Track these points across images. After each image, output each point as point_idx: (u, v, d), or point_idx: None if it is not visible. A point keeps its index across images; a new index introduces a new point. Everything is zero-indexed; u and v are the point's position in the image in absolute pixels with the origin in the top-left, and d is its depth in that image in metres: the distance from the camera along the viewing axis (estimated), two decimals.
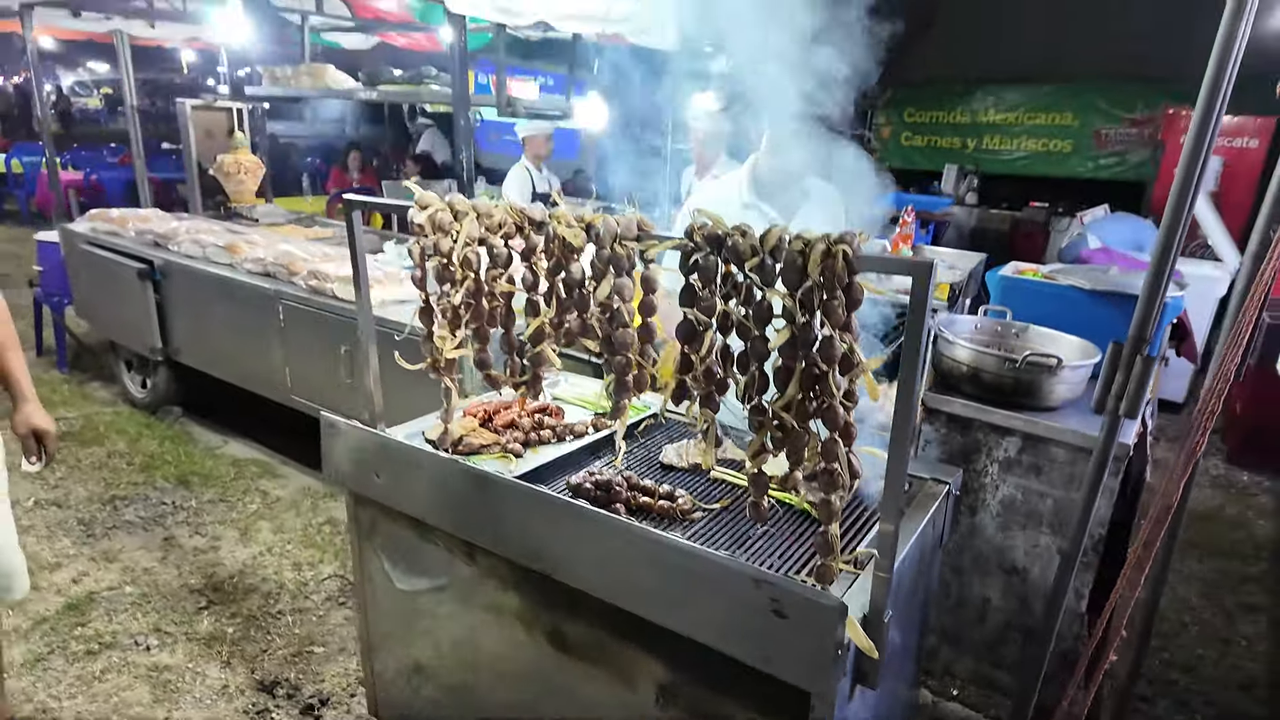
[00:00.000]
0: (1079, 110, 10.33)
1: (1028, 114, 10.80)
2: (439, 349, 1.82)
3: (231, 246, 3.86)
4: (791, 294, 1.30)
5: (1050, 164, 10.57)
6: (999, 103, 10.91)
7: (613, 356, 1.56)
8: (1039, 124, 10.78)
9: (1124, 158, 10.10)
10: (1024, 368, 2.32)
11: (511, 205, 1.66)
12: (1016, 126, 10.95)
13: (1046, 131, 10.74)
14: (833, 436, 1.35)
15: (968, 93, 10.97)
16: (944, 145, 11.55)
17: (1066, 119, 10.52)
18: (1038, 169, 10.69)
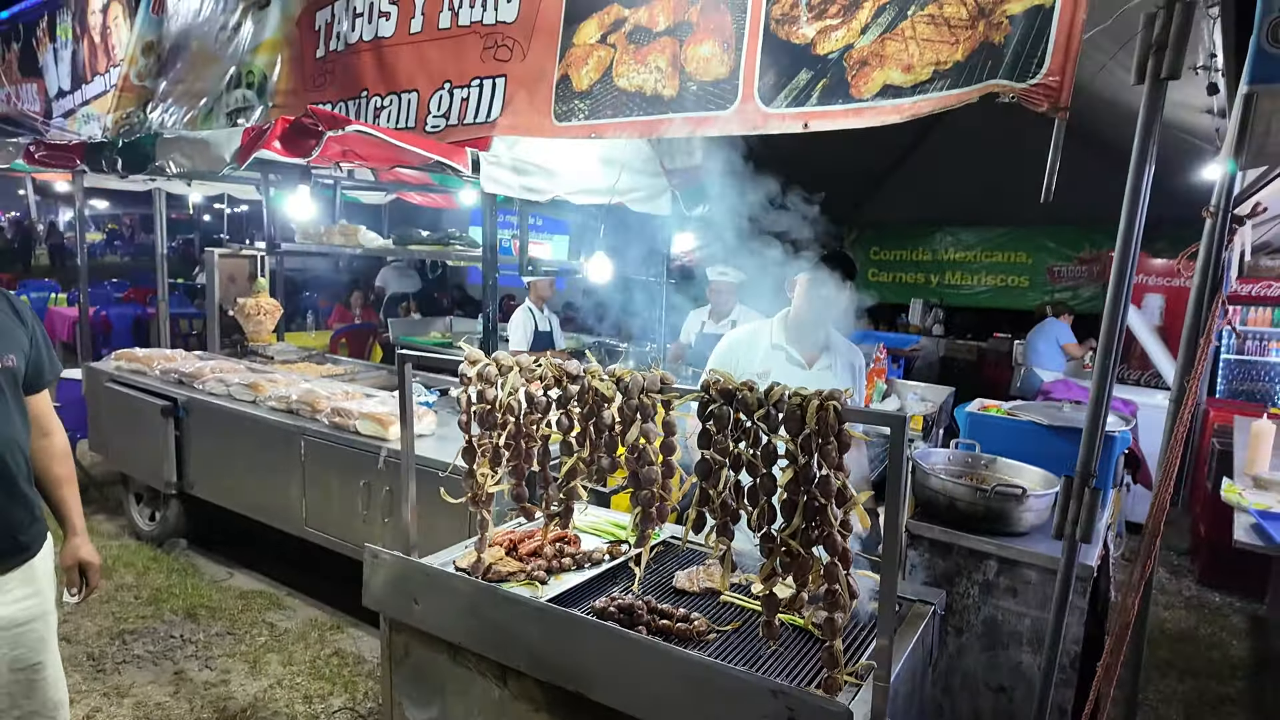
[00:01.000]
0: (1031, 250, 11.21)
1: (985, 252, 11.68)
2: (480, 484, 2.06)
3: (255, 385, 4.12)
4: (793, 439, 1.59)
5: (1010, 297, 11.25)
6: (957, 242, 11.81)
7: (640, 491, 1.82)
8: (996, 261, 11.64)
9: (1077, 292, 10.86)
10: (994, 497, 2.59)
11: (551, 361, 1.96)
12: (975, 263, 11.80)
13: (1003, 268, 11.58)
14: (833, 561, 1.60)
15: (928, 233, 11.88)
16: (909, 280, 12.34)
17: (1021, 257, 11.39)
18: (999, 302, 11.39)
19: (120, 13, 5.36)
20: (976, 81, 1.96)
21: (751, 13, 2.39)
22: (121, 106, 4.97)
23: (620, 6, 2.69)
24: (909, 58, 2.09)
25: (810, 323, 2.65)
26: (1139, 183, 1.85)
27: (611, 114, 2.69)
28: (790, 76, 2.31)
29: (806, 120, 2.29)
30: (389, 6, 3.43)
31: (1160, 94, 1.81)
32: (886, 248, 12.38)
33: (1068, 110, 1.87)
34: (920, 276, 12.20)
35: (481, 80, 3.06)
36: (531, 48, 2.92)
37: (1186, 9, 1.73)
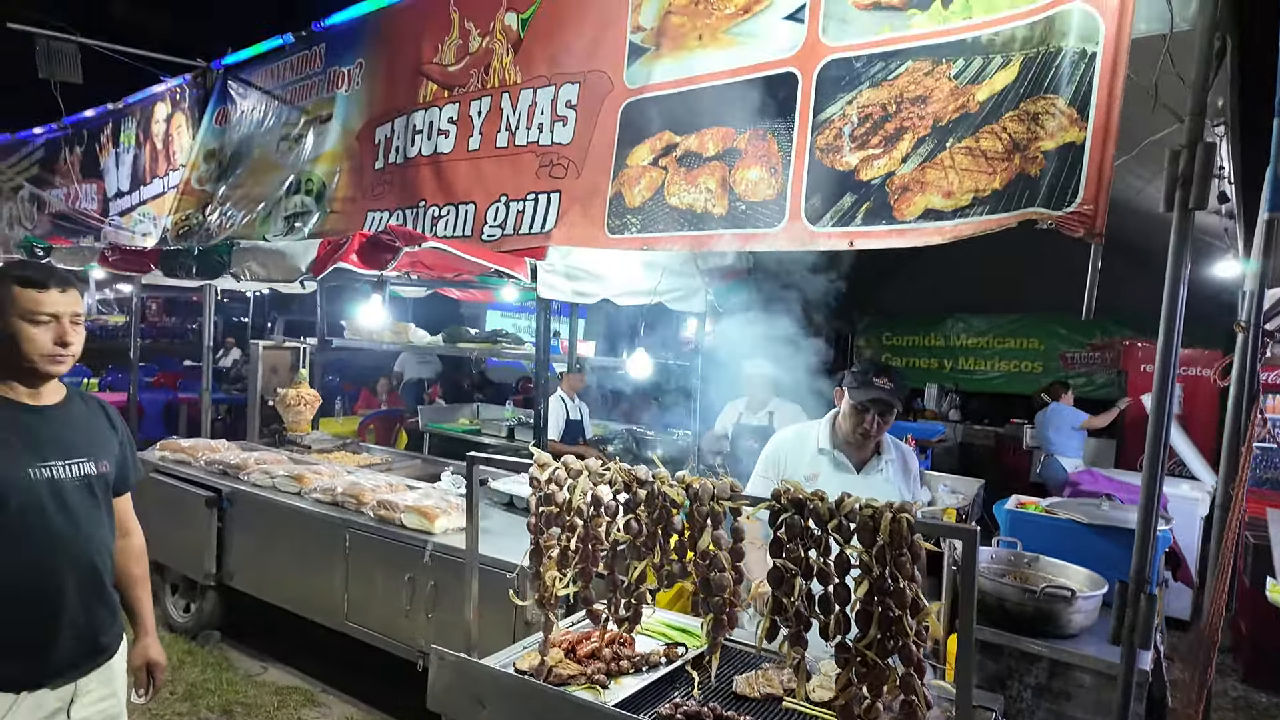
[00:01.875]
0: (1043, 336, 11.37)
1: (997, 339, 11.84)
2: (548, 586, 2.13)
3: (300, 477, 4.21)
4: (867, 550, 1.67)
5: (1024, 383, 11.30)
6: (969, 329, 11.99)
7: (710, 597, 1.88)
8: (1009, 347, 11.78)
9: (1091, 378, 10.95)
10: (1043, 598, 2.62)
11: (620, 466, 2.06)
12: (988, 349, 11.94)
13: (1016, 354, 11.71)
14: (909, 671, 1.65)
15: (940, 320, 12.08)
16: (923, 365, 12.46)
17: (1033, 344, 11.53)
18: (1014, 387, 11.44)
19: (183, 122, 5.74)
20: (1015, 209, 2.13)
21: (797, 142, 2.59)
22: (181, 209, 5.27)
23: (671, 134, 2.91)
24: (949, 185, 2.27)
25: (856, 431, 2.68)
26: (1174, 305, 1.98)
27: (663, 228, 2.88)
28: (835, 199, 2.50)
29: (852, 239, 2.46)
30: (448, 126, 3.71)
31: (1189, 223, 1.96)
32: (899, 334, 12.56)
33: (1103, 236, 2.02)
34: (934, 362, 12.33)
35: (537, 194, 3.28)
36: (586, 167, 3.15)
37: (1208, 149, 1.90)
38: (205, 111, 5.47)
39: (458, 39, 3.73)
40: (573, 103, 3.22)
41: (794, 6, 2.63)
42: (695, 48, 2.87)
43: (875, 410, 2.57)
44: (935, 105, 2.33)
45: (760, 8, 2.71)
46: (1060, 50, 2.08)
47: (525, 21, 3.45)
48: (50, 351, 1.91)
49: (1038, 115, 2.10)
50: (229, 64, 5.32)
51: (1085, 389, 10.96)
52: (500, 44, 3.53)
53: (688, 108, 2.88)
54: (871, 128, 2.44)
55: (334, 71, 4.44)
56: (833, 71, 2.54)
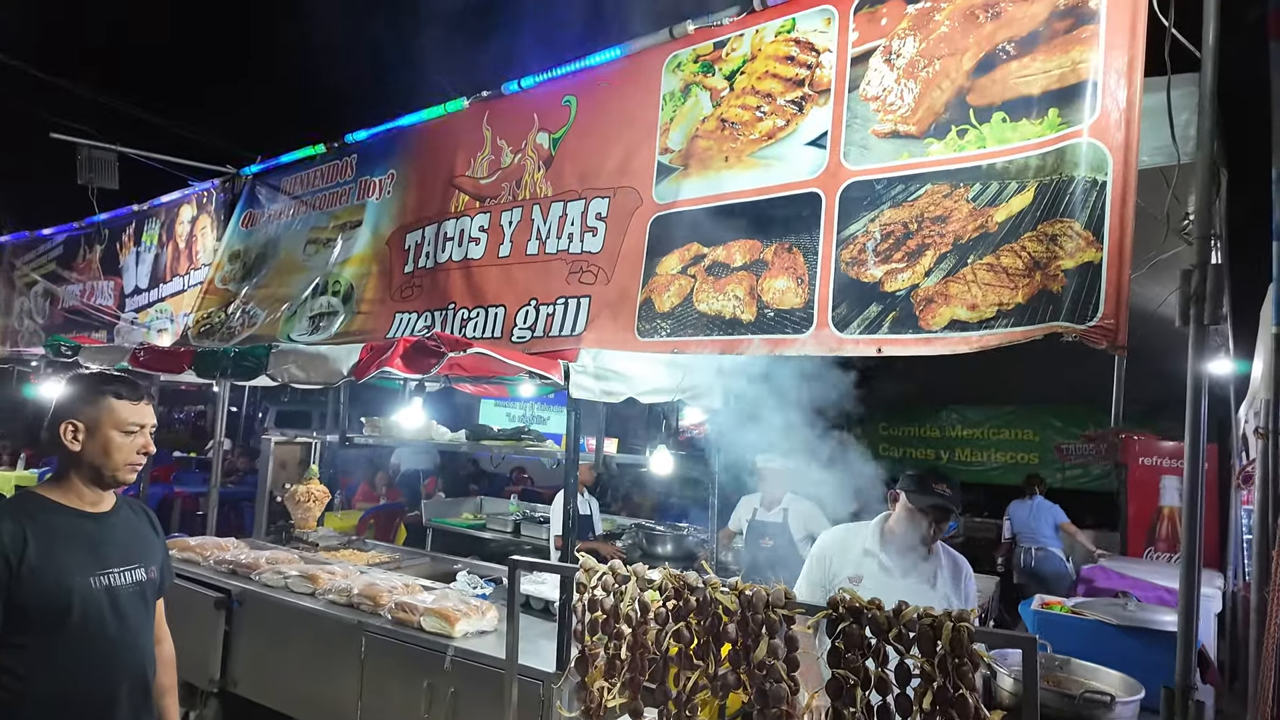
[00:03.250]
0: (1038, 428, 11.51)
1: (992, 430, 11.98)
2: (596, 697, 2.12)
3: (313, 577, 4.15)
4: (927, 659, 1.69)
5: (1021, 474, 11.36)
6: (964, 420, 12.14)
7: (767, 709, 1.89)
8: (1004, 439, 11.90)
9: (1087, 470, 11.03)
10: (1082, 704, 2.61)
11: (670, 572, 2.09)
12: (984, 440, 12.06)
13: (1012, 445, 11.83)
14: None
15: (934, 411, 12.23)
16: (919, 455, 12.52)
17: (1028, 435, 11.66)
18: (1010, 479, 11.47)
19: (208, 224, 5.94)
20: (1039, 322, 2.26)
21: (823, 256, 2.75)
22: (204, 307, 5.38)
23: (699, 245, 3.08)
24: (973, 298, 2.41)
25: (908, 539, 2.72)
26: (1197, 413, 2.08)
27: (693, 333, 3.00)
28: (862, 308, 2.63)
29: (880, 346, 2.58)
30: (479, 234, 3.88)
31: (1205, 338, 2.09)
32: (894, 424, 12.66)
33: (1125, 348, 2.14)
34: (930, 452, 12.40)
35: (567, 299, 3.42)
36: (615, 274, 3.29)
37: (1217, 270, 2.06)
38: (232, 214, 5.67)
39: (490, 154, 3.95)
40: (603, 215, 3.40)
41: (816, 133, 2.84)
42: (722, 168, 3.07)
43: (934, 517, 2.63)
44: (955, 224, 2.49)
45: (784, 134, 2.93)
46: (1073, 178, 2.26)
47: (556, 141, 3.68)
48: (134, 461, 1.98)
49: (1055, 236, 2.26)
50: (258, 171, 5.56)
51: (1081, 480, 11.02)
52: (532, 160, 3.74)
53: (715, 222, 3.05)
54: (894, 244, 2.61)
55: (365, 181, 4.66)
56: (855, 193, 2.72)
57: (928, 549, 2.72)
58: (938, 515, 2.63)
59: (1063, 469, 11.25)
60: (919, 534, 2.63)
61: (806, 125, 2.87)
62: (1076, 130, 2.28)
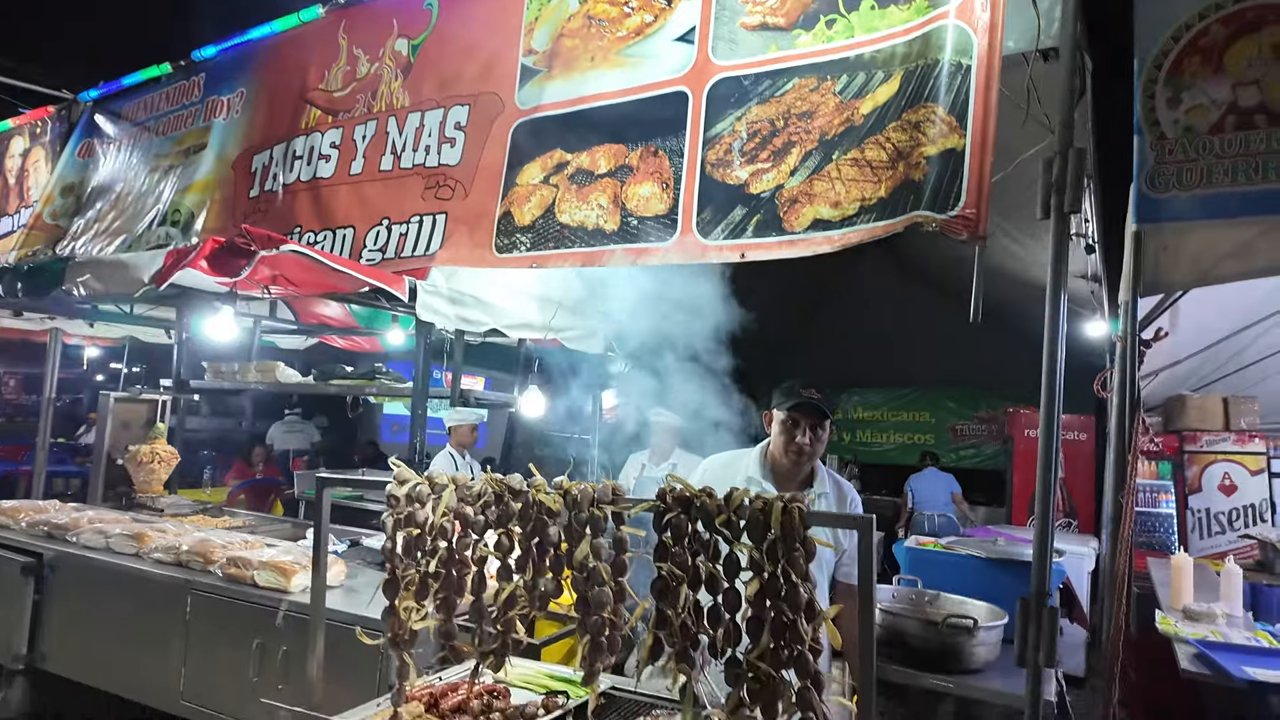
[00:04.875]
0: (933, 409, 11.84)
1: (891, 412, 12.26)
2: (403, 620, 1.84)
3: (140, 535, 3.69)
4: (757, 547, 1.50)
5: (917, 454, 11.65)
6: (865, 402, 12.37)
7: (588, 617, 1.65)
8: (902, 420, 12.20)
9: (979, 449, 11.41)
10: (945, 630, 2.50)
11: (492, 476, 1.84)
12: (884, 422, 12.33)
13: (910, 427, 12.13)
14: (805, 685, 1.46)
15: (835, 393, 12.41)
16: None
17: (924, 416, 11.98)
18: (907, 459, 11.74)
19: (42, 157, 5.30)
20: (901, 214, 2.12)
21: (689, 158, 2.55)
22: (28, 244, 4.77)
23: (562, 151, 2.83)
24: (836, 195, 2.25)
25: (790, 465, 2.52)
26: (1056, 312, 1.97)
27: (554, 246, 2.75)
28: (726, 212, 2.44)
29: (744, 251, 2.40)
30: (329, 150, 3.52)
31: (1065, 226, 1.99)
32: None
33: (985, 239, 2.02)
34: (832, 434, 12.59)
35: (421, 216, 3.11)
36: (474, 188, 3.01)
37: (1079, 153, 1.95)
38: (67, 145, 5.06)
39: (345, 65, 3.58)
40: (462, 124, 3.11)
41: (685, 29, 2.64)
42: (588, 69, 2.84)
43: (806, 422, 2.46)
44: (821, 120, 2.34)
45: (652, 30, 2.71)
46: (938, 63, 2.13)
47: (416, 47, 3.36)
48: None
49: (919, 123, 2.13)
50: (98, 96, 4.97)
51: (974, 460, 11.38)
52: (389, 69, 3.41)
53: (580, 126, 2.81)
54: (760, 143, 2.43)
55: (212, 101, 4.19)
56: (722, 90, 2.54)
57: (808, 471, 2.54)
58: (809, 419, 2.46)
59: (957, 449, 11.59)
60: (795, 445, 2.44)
61: (675, 19, 2.67)
62: (943, 12, 2.15)
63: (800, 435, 2.45)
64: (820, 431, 2.52)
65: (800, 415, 2.46)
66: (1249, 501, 6.99)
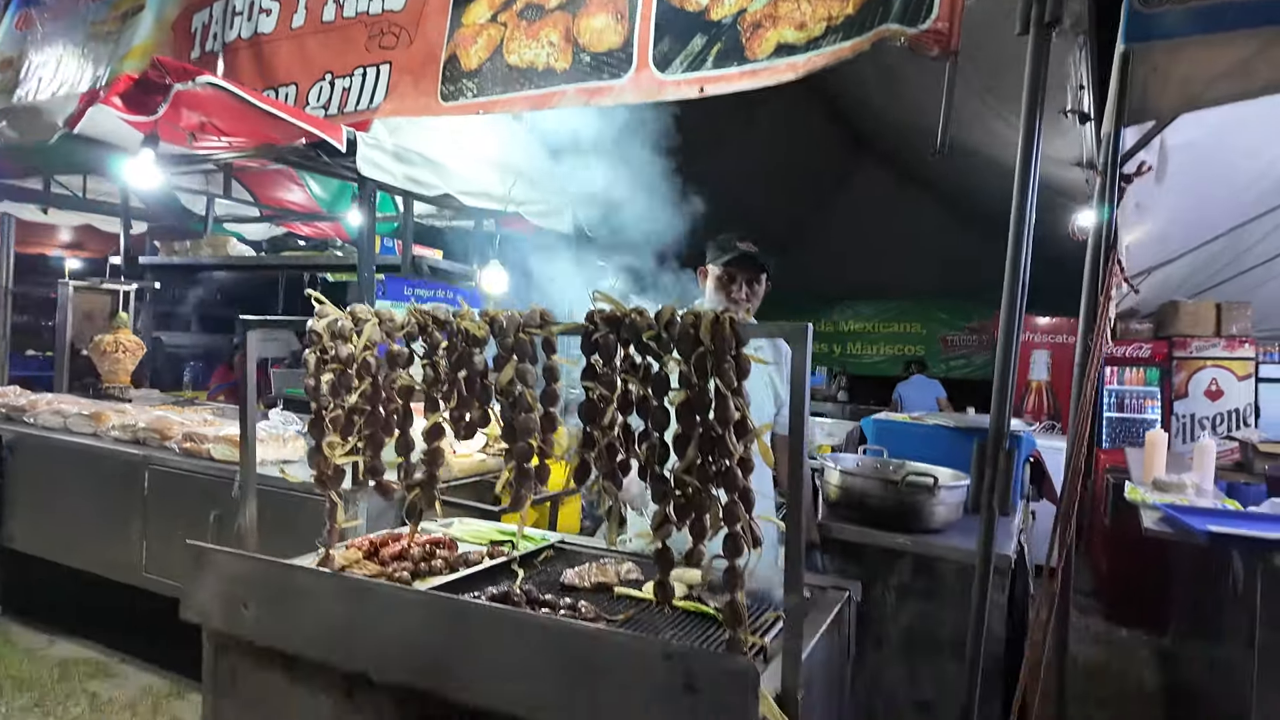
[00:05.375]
0: (925, 320, 11.72)
1: (882, 323, 12.14)
2: (328, 457, 1.76)
3: (98, 415, 3.62)
4: (686, 361, 1.39)
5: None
6: (856, 314, 12.24)
7: (514, 444, 1.57)
8: (893, 332, 12.09)
9: (969, 359, 11.35)
10: (905, 489, 2.45)
11: (415, 306, 1.72)
12: (874, 334, 12.23)
13: (900, 338, 12.04)
14: (733, 500, 1.38)
15: (828, 305, 12.26)
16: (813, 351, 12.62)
17: (915, 327, 11.87)
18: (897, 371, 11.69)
19: None
20: (869, 30, 1.93)
21: None
22: None
23: None
24: (802, 16, 2.06)
25: None
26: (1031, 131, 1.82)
27: (502, 90, 2.56)
28: (685, 42, 2.25)
29: (702, 85, 2.22)
30: (271, 3, 3.26)
31: (1045, 40, 1.81)
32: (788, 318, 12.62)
33: (957, 55, 1.84)
34: (823, 347, 12.50)
35: (365, 68, 2.90)
36: (419, 33, 2.79)
37: None
38: (4, 17, 4.74)
39: None
40: None
41: None
42: None
43: (743, 277, 2.32)
44: None
45: None
46: None
47: None
48: None
49: None
50: None
51: (964, 370, 11.34)
52: None
53: None
54: None
55: None
56: None
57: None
58: (746, 274, 2.32)
59: (947, 360, 11.53)
60: (731, 300, 2.31)
61: None
62: None
63: (737, 291, 2.32)
64: (757, 286, 2.39)
65: (737, 270, 2.31)
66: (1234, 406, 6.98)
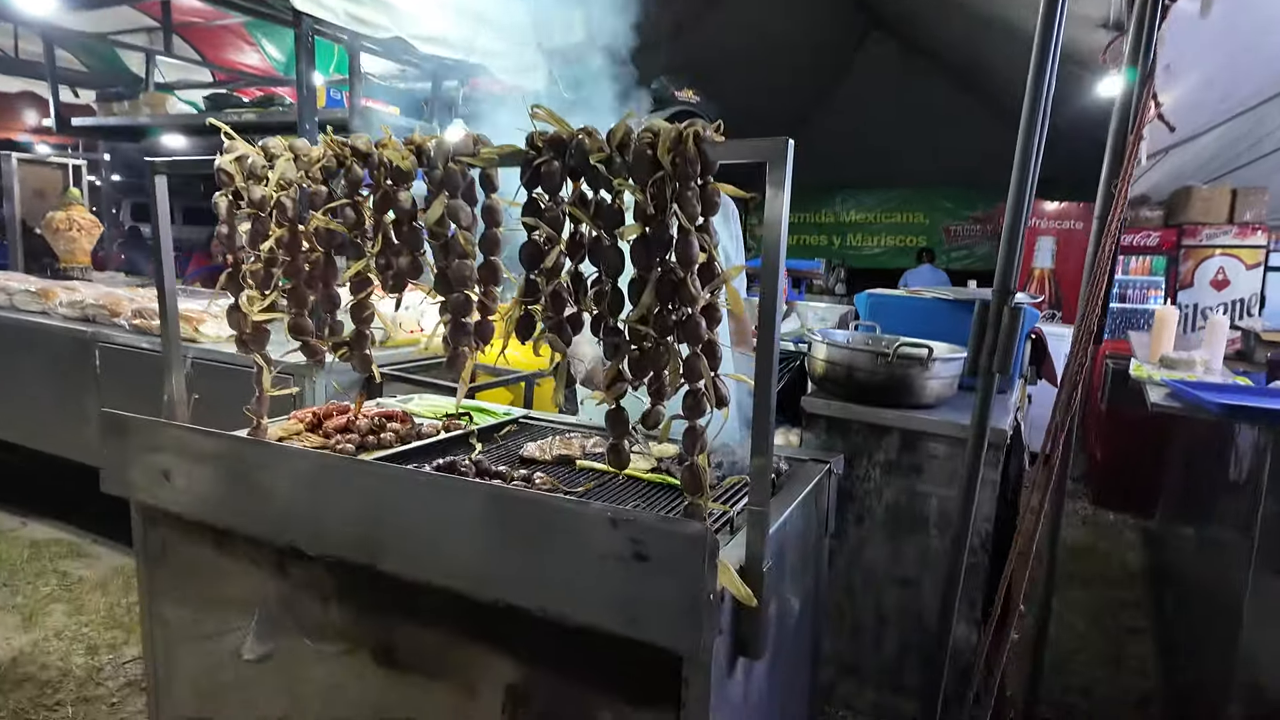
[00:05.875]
0: (928, 210, 11.33)
1: (884, 213, 11.76)
2: (246, 314, 1.56)
3: (45, 292, 3.41)
4: (642, 188, 1.17)
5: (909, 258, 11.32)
6: (858, 204, 11.84)
7: (448, 295, 1.36)
8: (895, 222, 11.73)
9: (972, 250, 11.06)
10: (896, 362, 2.27)
11: (332, 137, 1.48)
12: (876, 225, 11.87)
13: (902, 229, 11.69)
14: (695, 353, 1.20)
15: (829, 196, 11.85)
16: (812, 243, 12.29)
17: (918, 217, 11.50)
18: (899, 263, 11.44)
19: None
20: None
21: None
22: None
23: None
24: None
25: None
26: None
27: None
28: None
29: None
30: None
31: None
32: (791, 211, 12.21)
33: None
34: (823, 239, 12.19)
35: None
36: None
37: None
38: None
39: None
40: None
41: None
42: None
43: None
44: None
45: None
46: None
47: None
48: None
49: None
50: None
51: (965, 262, 11.05)
52: None
53: None
54: None
55: None
56: None
57: None
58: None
59: (949, 251, 11.24)
60: None
61: None
62: None
63: None
64: None
65: None
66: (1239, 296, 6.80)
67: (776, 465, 1.72)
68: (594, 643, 1.18)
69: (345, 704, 1.49)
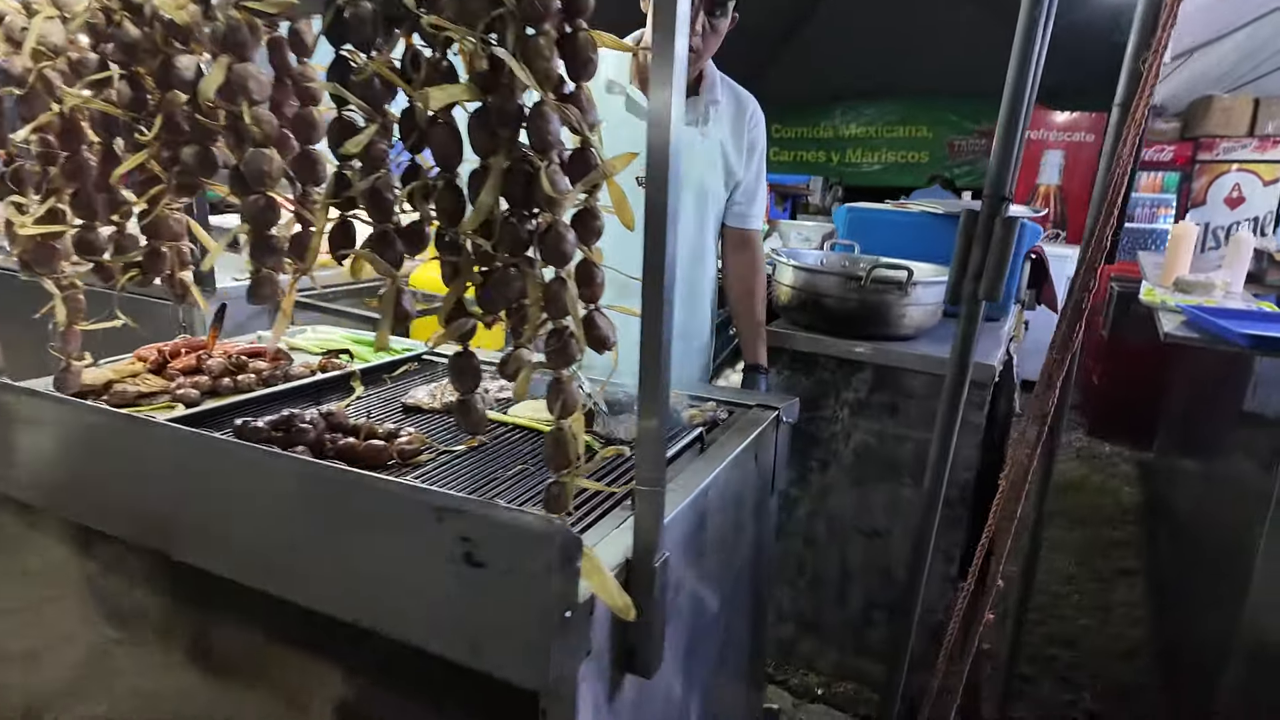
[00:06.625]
0: (931, 123, 10.71)
1: (885, 127, 11.13)
2: (17, 224, 1.21)
3: None
4: (471, 31, 0.80)
5: (910, 174, 10.77)
6: (857, 117, 11.19)
7: (244, 196, 1.01)
8: (896, 136, 11.12)
9: (974, 166, 10.51)
10: (870, 287, 1.93)
11: None
12: (876, 139, 11.25)
13: (904, 144, 11.09)
14: (559, 277, 0.86)
15: (828, 109, 11.19)
16: (810, 159, 11.72)
17: (921, 130, 10.88)
18: (899, 179, 10.88)
19: None
20: None
21: None
22: None
23: None
24: None
25: None
26: None
27: None
28: None
29: None
30: None
31: None
32: (788, 125, 11.59)
33: None
34: (821, 155, 11.61)
35: None
36: None
37: None
38: None
39: None
40: None
41: None
42: None
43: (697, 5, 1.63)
44: None
45: None
46: None
47: None
48: None
49: None
50: None
51: (968, 179, 10.50)
52: None
53: None
54: None
55: None
56: None
57: (696, 74, 1.77)
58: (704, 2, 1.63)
59: (952, 167, 10.69)
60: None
61: None
62: None
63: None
64: (717, 21, 1.70)
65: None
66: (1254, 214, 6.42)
67: (714, 415, 1.41)
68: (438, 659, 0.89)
69: (161, 704, 1.22)
